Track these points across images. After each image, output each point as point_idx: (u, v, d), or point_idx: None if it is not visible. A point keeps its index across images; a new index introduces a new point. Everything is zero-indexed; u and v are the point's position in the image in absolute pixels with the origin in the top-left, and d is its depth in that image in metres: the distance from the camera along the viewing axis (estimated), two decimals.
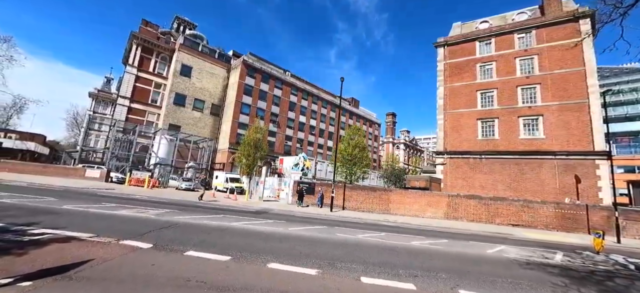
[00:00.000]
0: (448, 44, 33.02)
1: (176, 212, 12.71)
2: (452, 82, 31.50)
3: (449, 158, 29.19)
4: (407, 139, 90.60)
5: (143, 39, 42.85)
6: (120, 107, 39.92)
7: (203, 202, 18.37)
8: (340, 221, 15.50)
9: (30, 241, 6.18)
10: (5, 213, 8.77)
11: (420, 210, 21.86)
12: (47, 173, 23.79)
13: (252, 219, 12.80)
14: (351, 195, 22.71)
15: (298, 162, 29.01)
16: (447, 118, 30.66)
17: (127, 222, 9.43)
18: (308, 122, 56.04)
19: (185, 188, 29.09)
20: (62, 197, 13.48)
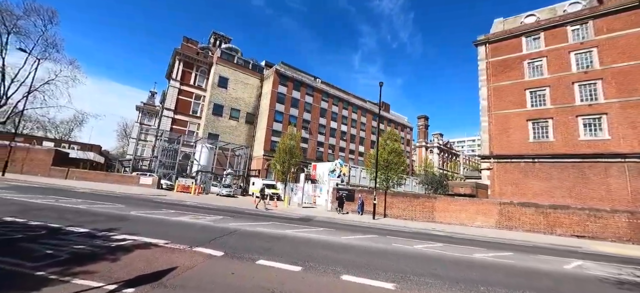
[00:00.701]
0: (490, 41, 31.19)
1: (228, 218, 13.11)
2: (496, 81, 29.59)
3: (496, 163, 27.26)
4: (441, 142, 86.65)
5: (184, 55, 45.83)
6: (166, 119, 42.84)
7: (256, 210, 18.81)
8: (388, 230, 15.00)
9: (117, 247, 6.62)
10: (85, 219, 9.58)
11: (469, 218, 20.54)
12: (107, 181, 26.10)
13: (301, 227, 12.80)
14: (392, 202, 22.02)
15: (334, 168, 28.85)
16: (492, 120, 28.77)
17: (190, 228, 9.84)
18: (339, 127, 55.90)
19: (226, 194, 30.19)
20: (127, 204, 14.54)
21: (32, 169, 25.61)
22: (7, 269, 4.66)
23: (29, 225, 7.85)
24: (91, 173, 27.46)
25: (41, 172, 25.71)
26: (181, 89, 44.86)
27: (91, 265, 5.20)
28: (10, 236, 6.62)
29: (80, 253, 5.87)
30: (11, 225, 7.70)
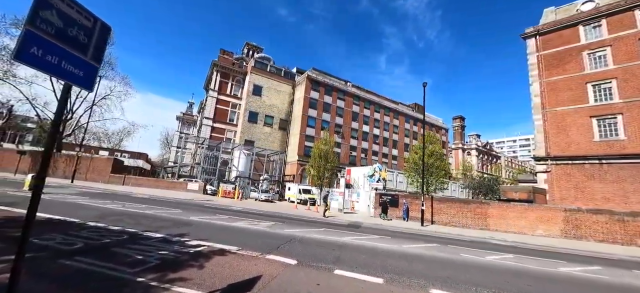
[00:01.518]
0: (540, 33, 28.74)
1: (280, 224, 13.13)
2: (550, 75, 27.11)
3: (555, 165, 24.82)
4: (480, 143, 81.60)
5: (221, 66, 48.01)
6: (205, 127, 45.01)
7: (301, 214, 18.87)
8: (445, 238, 14.13)
9: (196, 253, 6.75)
10: (156, 224, 10.05)
11: (529, 226, 18.79)
12: (159, 187, 27.89)
13: (355, 234, 12.44)
14: (440, 208, 20.85)
15: (373, 172, 28.11)
16: (547, 117, 26.33)
17: (252, 235, 9.93)
18: (371, 131, 54.90)
19: (265, 199, 30.72)
20: (184, 209, 15.22)
21: (94, 176, 28.16)
22: (113, 275, 4.87)
23: (111, 230, 8.35)
24: (143, 179, 29.55)
25: (102, 179, 28.16)
26: (219, 98, 46.93)
27: (182, 272, 5.29)
28: (102, 240, 7.05)
29: (166, 259, 6.04)
30: (98, 230, 8.25)
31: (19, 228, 7.55)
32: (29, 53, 2.73)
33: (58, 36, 3.02)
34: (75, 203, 13.37)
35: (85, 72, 3.35)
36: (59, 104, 3.16)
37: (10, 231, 7.18)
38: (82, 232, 7.76)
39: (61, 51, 3.05)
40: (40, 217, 9.26)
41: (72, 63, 3.19)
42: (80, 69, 3.29)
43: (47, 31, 2.91)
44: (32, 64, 2.76)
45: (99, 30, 3.48)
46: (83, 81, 3.33)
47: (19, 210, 10.15)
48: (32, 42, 2.76)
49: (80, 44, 3.27)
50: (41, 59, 2.85)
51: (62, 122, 32.53)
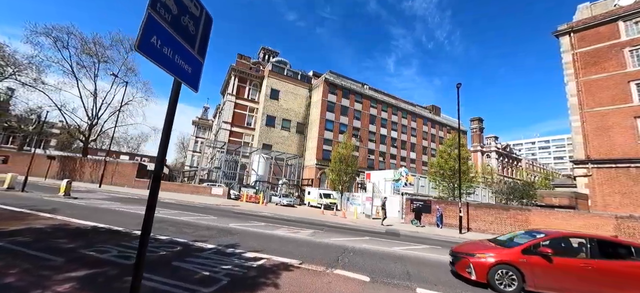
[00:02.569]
0: (575, 30, 27.34)
1: (319, 232, 12.55)
2: (587, 74, 25.68)
3: (596, 169, 23.34)
4: (500, 146, 79.01)
5: (239, 70, 48.21)
6: (224, 131, 45.12)
7: (332, 220, 18.26)
8: None
9: (261, 267, 6.23)
10: (200, 232, 9.63)
11: None
12: (182, 191, 27.85)
13: (403, 243, 11.71)
14: (477, 214, 19.83)
15: (398, 177, 27.25)
16: (585, 119, 24.88)
17: (301, 244, 9.37)
18: (389, 134, 53.91)
19: (286, 203, 30.23)
20: (217, 215, 14.85)
21: (119, 181, 28.42)
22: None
23: (160, 240, 7.96)
24: (166, 184, 29.63)
25: (127, 183, 28.38)
26: (237, 102, 47.06)
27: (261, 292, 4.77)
28: (158, 253, 6.64)
29: (235, 276, 5.53)
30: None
31: (70, 239, 7.26)
32: (149, 43, 2.26)
33: (173, 25, 2.54)
34: (111, 209, 13.19)
35: (193, 69, 2.88)
36: (170, 104, 2.68)
37: (62, 242, 6.86)
38: (132, 242, 7.39)
39: (175, 43, 2.58)
40: (86, 225, 9.01)
41: (184, 57, 2.72)
42: (190, 65, 2.82)
43: (165, 18, 2.44)
44: (151, 55, 2.28)
45: (204, 21, 3.01)
46: (191, 79, 2.85)
47: (61, 217, 9.96)
48: (152, 30, 2.28)
49: (190, 35, 2.80)
50: (159, 50, 2.38)
51: (89, 128, 33.14)
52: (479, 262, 6.31)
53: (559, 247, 6.41)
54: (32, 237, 7.08)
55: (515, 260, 6.08)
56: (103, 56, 33.24)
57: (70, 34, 30.74)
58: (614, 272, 5.59)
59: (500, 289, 5.90)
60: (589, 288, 5.61)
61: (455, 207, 20.77)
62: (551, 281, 5.78)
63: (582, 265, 5.73)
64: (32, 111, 33.02)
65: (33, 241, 6.68)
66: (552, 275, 5.80)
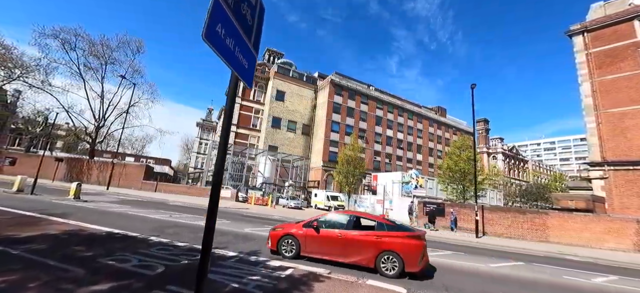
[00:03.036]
0: (588, 29, 26.81)
1: None
2: (603, 74, 25.14)
3: (613, 171, 22.77)
4: (506, 147, 78.21)
5: None
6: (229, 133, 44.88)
7: None
8: (513, 253, 12.79)
9: (289, 278, 5.88)
10: (217, 239, 9.27)
11: (595, 239, 17.06)
12: (190, 194, 27.63)
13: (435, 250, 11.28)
14: (492, 218, 19.35)
15: (409, 179, 26.82)
16: (601, 119, 24.33)
17: None
18: (395, 135, 53.44)
19: (294, 206, 29.90)
20: (230, 219, 14.52)
21: (126, 183, 28.22)
22: None
23: (179, 247, 7.64)
24: (173, 186, 29.47)
25: (134, 186, 28.19)
26: (242, 104, 46.86)
27: None
28: (180, 262, 6.30)
29: (266, 287, 5.18)
30: (166, 247, 7.54)
31: (87, 246, 6.95)
32: (214, 32, 1.92)
33: (235, 13, 2.21)
34: (122, 213, 12.92)
35: (249, 64, 2.55)
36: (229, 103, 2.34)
37: (79, 250, 6.54)
38: (151, 250, 7.07)
39: (236, 34, 2.24)
40: (100, 231, 8.72)
41: (242, 50, 2.38)
42: (246, 59, 2.48)
43: (229, 4, 2.11)
44: (216, 46, 1.94)
45: (259, 10, 2.68)
46: (247, 75, 2.52)
47: (74, 221, 9.68)
48: (218, 18, 1.95)
49: (248, 26, 2.47)
50: (222, 41, 2.04)
51: (95, 130, 33.05)
52: (273, 234, 7.99)
53: (329, 223, 7.91)
54: (48, 244, 6.78)
55: (296, 233, 7.76)
56: (110, 58, 33.19)
57: (78, 35, 30.73)
58: (356, 239, 7.29)
59: (283, 254, 7.54)
60: (339, 251, 7.28)
61: (470, 211, 20.31)
62: (317, 247, 7.50)
63: (337, 235, 7.42)
64: (39, 113, 32.99)
65: (49, 249, 6.38)
66: (318, 243, 7.51)
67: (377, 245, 6.96)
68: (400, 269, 6.60)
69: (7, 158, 30.44)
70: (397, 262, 6.68)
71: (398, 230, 7.36)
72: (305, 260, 7.37)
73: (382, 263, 6.80)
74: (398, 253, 6.73)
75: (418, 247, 6.84)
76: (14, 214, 10.11)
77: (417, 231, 7.77)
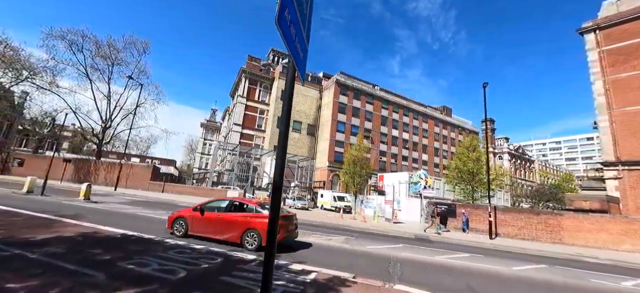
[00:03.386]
0: (601, 27, 26.36)
1: (351, 239, 11.97)
2: (616, 72, 24.68)
3: (627, 171, 22.31)
4: (511, 147, 77.42)
5: (250, 72, 47.98)
6: (234, 133, 44.88)
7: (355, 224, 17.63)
8: (533, 255, 12.52)
9: (314, 283, 5.67)
10: None
11: (612, 241, 16.67)
12: (197, 194, 27.49)
13: (442, 252, 11.02)
14: (505, 219, 19.00)
15: (417, 180, 26.46)
16: (614, 119, 23.87)
17: (340, 253, 8.80)
18: (400, 135, 53.07)
19: (301, 206, 29.70)
20: None
21: (134, 183, 28.18)
22: None
23: (197, 250, 7.47)
24: (180, 186, 29.41)
25: (141, 186, 28.15)
26: (247, 104, 46.82)
27: None
28: (200, 265, 6.11)
29: None
30: (183, 250, 7.37)
31: (104, 249, 6.79)
32: (283, 16, 1.72)
33: (297, 1, 2.01)
34: (134, 214, 12.81)
35: (303, 54, 2.35)
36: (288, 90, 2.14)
37: (97, 254, 6.38)
38: (169, 253, 6.90)
39: (296, 21, 2.04)
40: (115, 233, 8.57)
41: (299, 39, 2.19)
42: (301, 50, 2.28)
43: None
44: (283, 31, 1.74)
45: (311, 2, 2.47)
46: (301, 64, 2.33)
47: (88, 223, 9.55)
48: (286, 3, 1.75)
49: (304, 15, 2.27)
50: (288, 27, 1.85)
51: (102, 131, 33.09)
52: (170, 217, 9.39)
53: (211, 207, 9.25)
54: (65, 247, 6.63)
55: (186, 215, 9.13)
56: (116, 59, 33.24)
57: (85, 37, 30.81)
58: (229, 219, 8.62)
59: (175, 233, 8.93)
60: (216, 230, 8.58)
61: (482, 211, 20.00)
62: (200, 227, 8.82)
63: (215, 216, 8.84)
64: (46, 114, 33.11)
65: (67, 252, 6.23)
66: (202, 224, 8.83)
67: (245, 225, 8.33)
68: (259, 244, 7.97)
69: (16, 159, 30.59)
70: (256, 238, 8.05)
71: (262, 211, 8.62)
72: (192, 238, 8.66)
73: (246, 239, 8.13)
74: (258, 231, 8.08)
75: None
76: (26, 216, 10.01)
77: (284, 213, 8.63)
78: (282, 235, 7.96)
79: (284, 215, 8.15)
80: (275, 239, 2.00)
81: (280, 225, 7.30)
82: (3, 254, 5.70)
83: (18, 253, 5.82)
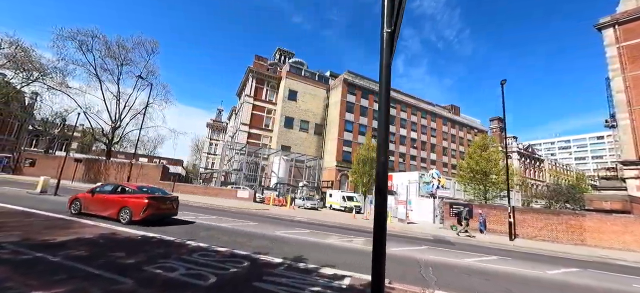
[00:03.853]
0: (620, 22, 25.62)
1: (371, 240, 11.61)
2: (635, 69, 23.94)
3: None
4: (521, 146, 76.24)
5: (257, 72, 47.80)
6: (242, 133, 44.74)
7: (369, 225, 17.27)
8: (560, 258, 12.01)
9: (353, 288, 5.34)
10: (255, 243, 8.83)
11: (638, 242, 16.04)
12: (208, 194, 27.40)
13: (470, 254, 10.63)
14: (524, 219, 18.48)
15: (430, 180, 25.98)
16: (635, 116, 23.15)
17: (366, 256, 8.45)
18: (408, 135, 52.46)
19: (310, 207, 29.35)
20: (257, 221, 14.08)
21: (143, 183, 28.11)
22: None
23: (221, 252, 7.19)
24: (189, 186, 29.33)
25: None
26: (254, 104, 46.64)
27: None
28: (229, 270, 5.82)
29: None
30: (208, 253, 7.09)
31: (127, 252, 6.53)
32: None
33: None
34: None
35: None
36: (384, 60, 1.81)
37: (120, 257, 6.13)
38: (193, 256, 6.63)
39: None
40: (135, 235, 8.35)
41: None
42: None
43: None
44: None
45: None
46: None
47: (105, 224, 9.35)
48: None
49: None
50: None
51: (112, 131, 33.15)
52: (69, 198, 11.25)
53: (101, 190, 11.14)
54: (86, 250, 6.41)
55: (81, 197, 10.93)
56: (125, 59, 33.29)
57: (95, 37, 30.88)
58: (111, 199, 10.44)
59: (72, 211, 10.67)
60: (101, 208, 10.38)
61: (499, 212, 19.51)
62: (91, 206, 10.62)
63: (102, 197, 10.66)
64: (57, 114, 33.29)
65: (89, 256, 6.00)
66: (92, 203, 10.64)
67: (121, 203, 10.07)
68: (130, 218, 9.68)
69: (28, 159, 30.81)
70: (129, 214, 9.75)
71: (137, 193, 10.40)
72: (85, 216, 10.29)
73: (121, 215, 9.87)
74: (131, 208, 9.82)
75: (141, 205, 9.81)
76: (43, 216, 9.87)
77: (158, 194, 10.81)
78: (150, 212, 9.85)
79: (158, 196, 10.47)
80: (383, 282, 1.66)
81: (151, 203, 9.91)
82: (25, 258, 5.48)
83: (40, 257, 5.60)
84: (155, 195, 10.37)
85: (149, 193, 10.40)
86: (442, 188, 25.53)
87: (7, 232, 7.28)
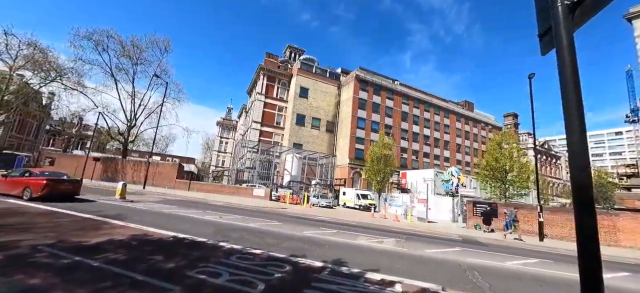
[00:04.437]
0: None
1: (400, 240, 11.22)
2: None
3: None
4: (537, 143, 74.13)
5: (268, 69, 47.65)
6: (253, 131, 44.72)
7: (392, 225, 16.90)
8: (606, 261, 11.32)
9: None
10: (286, 244, 8.54)
11: None
12: (224, 192, 27.40)
13: (509, 256, 10.12)
14: (552, 219, 17.77)
15: (449, 177, 25.36)
16: None
17: (404, 258, 8.07)
18: (421, 131, 51.60)
19: (325, 205, 29.07)
20: (279, 220, 13.81)
21: (160, 182, 28.38)
22: None
23: (258, 255, 6.92)
24: (206, 185, 29.47)
25: (168, 184, 28.30)
26: (266, 101, 46.54)
27: None
28: (273, 275, 5.53)
29: None
30: (245, 256, 6.83)
31: (165, 255, 6.32)
32: None
33: None
34: (175, 214, 12.51)
35: None
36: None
37: (159, 261, 5.92)
38: (231, 259, 6.38)
39: None
40: (167, 236, 8.17)
41: None
42: None
43: None
44: None
45: None
46: None
47: (135, 225, 9.23)
48: None
49: None
50: None
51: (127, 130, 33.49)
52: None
53: (13, 175, 13.80)
54: (123, 253, 6.21)
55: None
56: (140, 58, 33.49)
57: (110, 37, 31.12)
58: (18, 181, 12.89)
59: None
60: (10, 188, 12.71)
61: (526, 211, 18.84)
62: (3, 187, 12.96)
63: (12, 180, 13.14)
64: (74, 114, 33.81)
65: (128, 259, 5.79)
66: (4, 185, 13.05)
67: (25, 184, 12.48)
68: (30, 196, 12.11)
69: (47, 158, 31.40)
70: (29, 192, 12.19)
71: (39, 177, 12.86)
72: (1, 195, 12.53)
73: (24, 193, 12.27)
74: (31, 188, 12.26)
75: (40, 185, 12.23)
76: (72, 217, 9.80)
77: (57, 177, 13.62)
78: (48, 190, 12.21)
79: (55, 179, 12.96)
80: None
81: (48, 184, 12.28)
82: (65, 262, 5.31)
83: (79, 261, 5.42)
84: (53, 177, 12.98)
85: (49, 177, 12.93)
86: (462, 187, 24.81)
87: (40, 234, 7.18)
